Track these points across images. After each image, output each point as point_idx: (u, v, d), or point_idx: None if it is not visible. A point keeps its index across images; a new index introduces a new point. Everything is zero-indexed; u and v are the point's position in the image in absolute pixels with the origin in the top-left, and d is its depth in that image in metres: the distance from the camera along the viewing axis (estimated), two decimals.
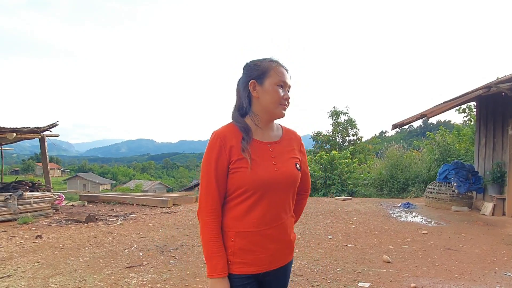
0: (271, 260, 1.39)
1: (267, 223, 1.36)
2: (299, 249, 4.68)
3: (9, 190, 7.96)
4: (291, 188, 1.43)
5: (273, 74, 1.39)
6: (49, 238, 5.50)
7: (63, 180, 71.57)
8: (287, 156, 1.45)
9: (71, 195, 17.32)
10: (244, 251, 1.35)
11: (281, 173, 1.38)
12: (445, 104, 7.62)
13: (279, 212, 1.40)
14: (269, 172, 1.35)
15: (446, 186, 8.04)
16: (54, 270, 3.90)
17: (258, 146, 1.39)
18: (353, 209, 8.02)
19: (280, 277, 1.47)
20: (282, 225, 1.41)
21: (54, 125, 9.02)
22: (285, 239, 1.43)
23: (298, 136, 1.57)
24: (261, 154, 1.38)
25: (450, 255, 4.44)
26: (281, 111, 1.42)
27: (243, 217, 1.35)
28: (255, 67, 1.41)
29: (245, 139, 1.36)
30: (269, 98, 1.38)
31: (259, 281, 1.42)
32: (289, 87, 1.44)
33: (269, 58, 1.44)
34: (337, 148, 20.34)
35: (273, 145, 1.44)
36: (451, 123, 24.98)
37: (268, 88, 1.38)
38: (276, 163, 1.39)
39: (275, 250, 1.39)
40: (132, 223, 6.72)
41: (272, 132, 1.47)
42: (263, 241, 1.36)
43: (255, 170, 1.33)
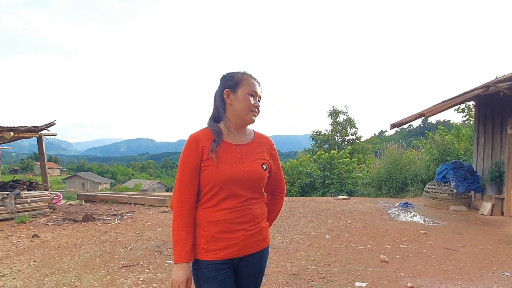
0: (242, 245, 1.54)
1: (236, 212, 1.53)
2: (296, 249, 4.66)
3: (7, 189, 7.94)
4: (256, 184, 1.59)
5: (245, 84, 1.59)
6: (46, 237, 5.48)
7: (62, 179, 71.56)
8: (254, 157, 1.62)
9: (70, 194, 17.29)
10: (216, 239, 1.51)
11: (246, 171, 1.56)
12: (444, 103, 7.60)
13: (246, 204, 1.56)
14: (234, 169, 1.54)
15: (444, 185, 8.03)
16: (50, 270, 3.88)
17: (227, 147, 1.58)
18: (352, 208, 8.01)
19: (255, 263, 1.62)
20: (250, 214, 1.57)
21: (51, 124, 8.99)
22: (255, 227, 1.59)
23: (269, 141, 1.75)
24: (229, 154, 1.56)
25: (448, 254, 4.43)
26: (251, 117, 1.61)
27: (213, 209, 1.53)
28: (230, 78, 1.62)
29: (215, 141, 1.55)
30: (241, 105, 1.57)
31: (234, 267, 1.58)
32: (259, 97, 1.65)
33: (243, 71, 1.64)
34: (336, 148, 20.33)
35: (242, 146, 1.62)
36: (450, 122, 25.01)
37: (240, 97, 1.57)
38: (243, 162, 1.57)
39: (245, 236, 1.55)
40: (130, 223, 6.69)
41: (243, 136, 1.66)
42: (233, 228, 1.52)
43: (221, 167, 1.51)
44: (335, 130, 22.93)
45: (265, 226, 1.66)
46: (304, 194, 12.98)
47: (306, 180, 13.12)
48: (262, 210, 1.65)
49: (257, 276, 1.65)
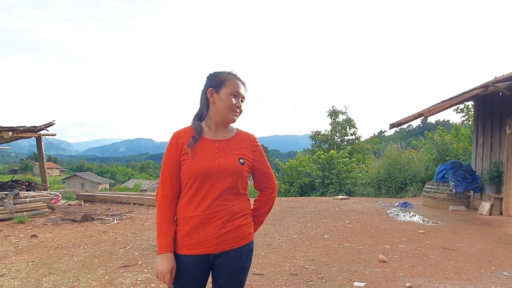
0: (217, 242, 1.56)
1: (209, 208, 1.56)
2: (295, 249, 4.66)
3: (5, 189, 7.93)
4: (232, 177, 1.60)
5: (228, 84, 1.63)
6: (44, 238, 5.47)
7: (62, 179, 71.50)
8: (232, 152, 1.65)
9: (69, 194, 17.27)
10: (191, 234, 1.56)
11: (221, 164, 1.59)
12: (443, 103, 7.60)
13: (222, 199, 1.58)
14: (209, 162, 1.58)
15: (443, 185, 8.04)
16: (48, 270, 3.87)
17: (205, 142, 1.63)
18: (351, 208, 8.01)
19: (232, 259, 1.61)
20: (226, 210, 1.58)
21: (51, 124, 8.98)
22: (231, 224, 1.59)
23: (252, 138, 1.77)
24: (206, 148, 1.61)
25: (447, 254, 4.43)
26: (232, 117, 1.65)
27: (189, 203, 1.58)
28: (215, 77, 1.67)
29: (194, 137, 1.61)
30: (223, 104, 1.62)
31: (210, 264, 1.61)
32: (242, 97, 1.70)
33: (228, 71, 1.69)
34: (335, 148, 20.32)
35: (220, 142, 1.66)
36: (449, 122, 25.03)
37: (222, 96, 1.62)
38: (219, 156, 1.61)
39: (219, 233, 1.56)
40: (128, 222, 6.69)
41: (224, 133, 1.70)
42: (207, 224, 1.55)
43: (196, 161, 1.57)
44: (334, 130, 22.92)
45: (243, 224, 1.65)
46: (303, 194, 12.98)
47: (305, 180, 13.12)
48: (240, 207, 1.65)
49: (237, 271, 1.63)
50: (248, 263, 1.68)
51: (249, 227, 1.69)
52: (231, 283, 1.63)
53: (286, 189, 13.47)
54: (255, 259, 4.21)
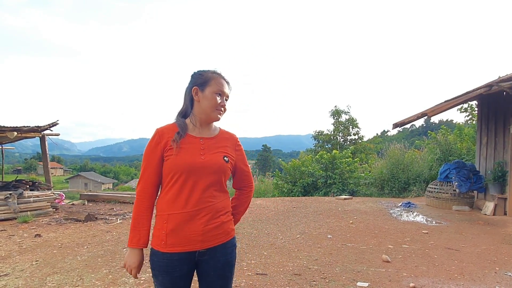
0: (201, 239, 1.57)
1: (194, 204, 1.56)
2: (298, 249, 4.66)
3: (10, 189, 7.97)
4: (216, 174, 1.61)
5: (213, 83, 1.65)
6: (48, 237, 5.50)
7: (65, 179, 71.80)
8: (217, 150, 1.67)
9: (72, 194, 17.35)
10: (175, 232, 1.55)
11: (206, 161, 1.60)
12: (446, 103, 7.57)
13: (206, 196, 1.59)
14: (194, 158, 1.58)
15: (447, 185, 8.00)
16: (52, 269, 3.89)
17: (190, 139, 1.64)
18: (354, 208, 7.99)
19: (218, 256, 1.63)
20: (210, 207, 1.59)
21: (54, 124, 9.02)
22: (215, 221, 1.60)
23: (234, 137, 1.80)
24: (192, 145, 1.62)
25: (450, 254, 4.41)
26: (217, 115, 1.67)
27: (174, 200, 1.56)
28: (199, 76, 1.68)
29: (179, 133, 1.61)
30: (207, 103, 1.64)
31: (196, 261, 1.61)
32: (227, 96, 1.71)
33: (213, 70, 1.70)
34: (338, 148, 20.29)
35: (205, 140, 1.67)
36: (453, 122, 24.91)
37: (207, 95, 1.64)
38: (204, 153, 1.62)
39: (204, 230, 1.57)
40: None
41: (208, 131, 1.71)
42: (191, 222, 1.55)
43: (181, 156, 1.57)
44: (337, 130, 22.91)
45: (226, 221, 1.67)
46: (306, 194, 12.96)
47: (308, 180, 13.10)
48: (224, 204, 1.67)
49: (224, 268, 1.65)
50: (233, 257, 1.71)
51: (231, 224, 1.72)
52: (220, 280, 1.65)
53: (289, 189, 13.46)
54: (258, 258, 4.21)
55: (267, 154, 75.50)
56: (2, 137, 8.67)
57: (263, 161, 71.71)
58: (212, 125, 1.75)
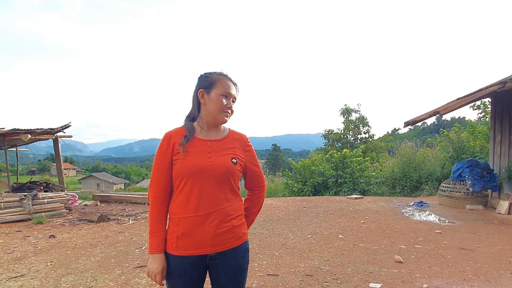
0: (212, 243, 1.56)
1: (204, 208, 1.56)
2: (309, 249, 4.64)
3: (24, 190, 8.12)
4: (224, 177, 1.61)
5: (219, 85, 1.63)
6: (62, 238, 5.58)
7: (78, 180, 72.81)
8: (225, 151, 1.65)
9: (85, 195, 17.58)
10: (186, 235, 1.56)
11: (214, 163, 1.59)
12: (459, 100, 7.46)
13: (216, 199, 1.58)
14: (201, 161, 1.58)
15: (460, 184, 7.89)
16: (66, 270, 3.95)
17: (198, 142, 1.63)
18: (365, 208, 7.93)
19: (229, 260, 1.62)
20: (221, 211, 1.59)
21: (67, 126, 9.16)
22: (226, 225, 1.60)
23: (244, 137, 1.78)
24: (199, 148, 1.62)
25: (464, 255, 4.35)
26: (223, 118, 1.65)
27: (184, 204, 1.57)
28: (206, 78, 1.67)
29: (186, 137, 1.62)
30: (214, 105, 1.63)
31: (207, 265, 1.62)
32: (234, 98, 1.69)
33: (219, 72, 1.69)
34: (348, 146, 20.15)
35: (213, 142, 1.66)
36: (465, 119, 24.52)
37: (213, 97, 1.63)
38: (211, 156, 1.61)
39: (215, 234, 1.56)
40: (144, 223, 6.78)
41: (216, 133, 1.70)
42: (202, 225, 1.55)
43: (188, 159, 1.57)
44: (347, 129, 22.75)
45: (238, 224, 1.65)
46: (317, 193, 12.91)
47: (319, 179, 13.04)
48: (235, 207, 1.65)
49: (235, 272, 1.64)
50: (245, 262, 1.69)
51: (243, 228, 1.70)
52: (231, 284, 1.64)
53: (299, 189, 13.42)
54: (269, 259, 4.21)
55: (277, 154, 75.44)
56: (16, 140, 8.84)
57: (273, 161, 71.64)
58: (221, 127, 1.73)
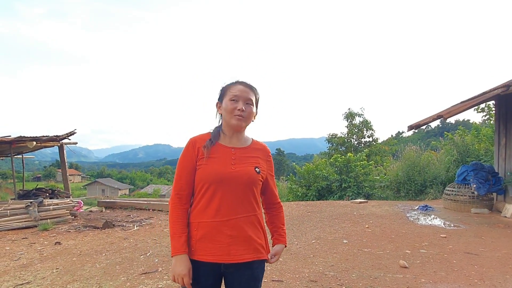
0: (228, 252, 1.57)
1: (223, 215, 1.57)
2: (314, 254, 4.64)
3: (30, 197, 8.19)
4: (247, 185, 1.62)
5: (228, 92, 1.67)
6: (68, 245, 5.62)
7: (83, 185, 73.12)
8: (248, 160, 1.68)
9: (90, 201, 17.66)
10: (204, 240, 1.58)
11: (237, 171, 1.61)
12: (463, 104, 7.44)
13: (236, 207, 1.59)
14: (225, 168, 1.60)
15: (465, 187, 7.85)
16: (72, 277, 3.98)
17: (222, 148, 1.66)
18: (369, 212, 7.91)
19: (243, 270, 1.62)
20: (240, 220, 1.60)
21: (72, 133, 9.24)
22: (243, 235, 1.60)
23: (266, 148, 1.81)
24: (223, 154, 1.64)
25: (470, 259, 4.33)
26: (235, 122, 1.65)
27: (204, 209, 1.59)
28: (220, 91, 1.73)
29: (210, 140, 1.65)
30: (225, 112, 1.67)
31: (221, 273, 1.62)
32: (246, 99, 1.66)
33: (230, 82, 1.72)
34: (352, 150, 20.11)
35: (237, 149, 1.69)
36: (469, 122, 24.39)
37: (224, 105, 1.68)
38: (235, 163, 1.63)
39: (231, 242, 1.57)
40: (148, 229, 6.80)
41: (239, 141, 1.72)
42: (220, 231, 1.57)
43: (212, 165, 1.60)
44: (351, 133, 22.72)
45: (256, 238, 1.65)
46: (321, 197, 12.88)
47: (323, 184, 13.02)
48: (255, 219, 1.66)
49: (249, 282, 1.64)
50: (260, 273, 1.69)
51: (263, 244, 1.69)
52: None
53: (303, 193, 13.40)
54: (273, 264, 4.20)
55: (281, 158, 75.40)
56: (22, 147, 8.92)
57: (277, 165, 71.60)
58: (244, 135, 1.75)
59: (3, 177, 53.87)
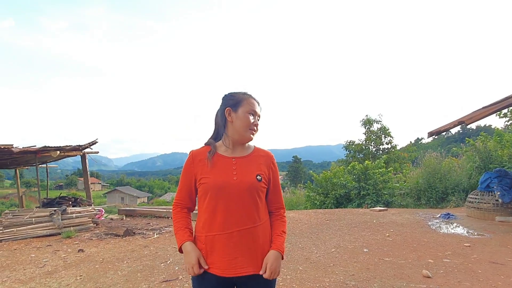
0: (234, 265, 1.57)
1: (229, 226, 1.57)
2: (334, 263, 4.60)
3: (54, 205, 8.41)
4: (249, 194, 1.61)
5: (245, 104, 1.67)
6: (90, 252, 5.74)
7: (103, 194, 74.49)
8: (250, 169, 1.67)
9: (110, 208, 17.97)
10: (212, 253, 1.59)
11: (239, 181, 1.61)
12: (485, 109, 7.28)
13: (242, 217, 1.59)
14: (227, 178, 1.61)
15: (488, 195, 7.64)
16: (95, 284, 4.06)
17: (222, 159, 1.67)
18: (389, 220, 7.78)
19: (258, 279, 1.61)
20: (248, 231, 1.59)
21: (94, 142, 9.48)
22: (253, 246, 1.60)
23: (270, 155, 1.79)
24: (224, 165, 1.65)
25: (496, 269, 4.20)
26: (250, 135, 1.69)
27: (210, 222, 1.59)
28: (231, 97, 1.72)
29: (211, 151, 1.67)
30: (241, 123, 1.66)
31: (233, 283, 1.62)
32: (259, 116, 1.73)
33: (243, 92, 1.73)
34: (370, 157, 19.84)
35: (238, 159, 1.69)
36: (491, 128, 23.75)
37: (240, 115, 1.66)
38: (236, 173, 1.63)
39: (238, 255, 1.57)
40: (168, 237, 6.87)
41: (241, 151, 1.73)
42: (228, 244, 1.57)
43: (214, 177, 1.61)
44: (369, 140, 22.43)
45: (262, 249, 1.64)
46: (339, 205, 12.75)
47: (341, 192, 12.88)
48: (262, 229, 1.66)
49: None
50: (272, 282, 1.67)
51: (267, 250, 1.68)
52: None
53: (321, 201, 13.29)
54: (293, 273, 4.20)
55: (297, 165, 75.03)
56: (46, 156, 9.20)
57: (294, 173, 71.25)
58: (246, 145, 1.75)
59: (27, 186, 55.47)
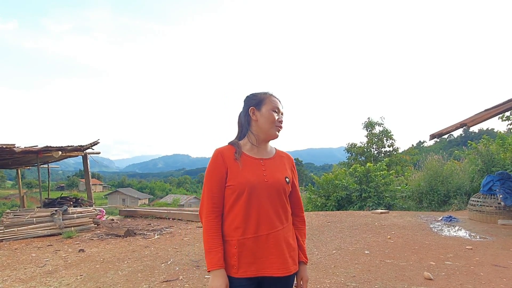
0: (266, 266, 1.56)
1: (262, 229, 1.56)
2: (335, 265, 4.58)
3: (55, 205, 8.41)
4: (279, 195, 1.62)
5: (268, 102, 1.70)
6: (91, 252, 5.73)
7: (104, 195, 74.55)
8: (278, 170, 1.68)
9: (111, 209, 17.96)
10: (245, 257, 1.55)
11: (270, 181, 1.61)
12: (487, 112, 7.26)
13: (272, 220, 1.58)
14: (257, 177, 1.59)
15: (491, 198, 7.61)
16: (96, 284, 4.05)
17: (250, 160, 1.65)
18: (391, 223, 7.75)
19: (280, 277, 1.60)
20: (277, 233, 1.59)
21: (95, 143, 9.49)
22: (281, 248, 1.59)
23: (291, 158, 1.83)
24: (253, 166, 1.63)
25: (498, 272, 4.18)
26: (275, 132, 1.69)
27: (244, 226, 1.56)
28: (253, 97, 1.74)
29: (237, 151, 1.64)
30: (265, 120, 1.67)
31: (258, 282, 1.60)
32: (282, 113, 1.74)
33: (265, 91, 1.75)
34: (372, 160, 19.81)
35: (265, 160, 1.69)
36: (494, 131, 23.69)
37: (265, 113, 1.67)
38: (266, 174, 1.63)
39: (269, 255, 1.56)
40: (169, 237, 6.87)
41: (265, 151, 1.73)
42: (260, 246, 1.56)
43: (245, 175, 1.58)
44: (371, 142, 22.39)
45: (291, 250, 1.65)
46: (341, 208, 12.72)
47: (342, 194, 12.86)
48: (288, 230, 1.66)
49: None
50: (292, 283, 1.69)
51: (294, 252, 1.68)
52: None
53: (322, 203, 13.27)
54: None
55: (299, 168, 75.01)
56: (48, 157, 9.21)
57: None
58: (268, 146, 1.76)
59: (28, 187, 55.55)
